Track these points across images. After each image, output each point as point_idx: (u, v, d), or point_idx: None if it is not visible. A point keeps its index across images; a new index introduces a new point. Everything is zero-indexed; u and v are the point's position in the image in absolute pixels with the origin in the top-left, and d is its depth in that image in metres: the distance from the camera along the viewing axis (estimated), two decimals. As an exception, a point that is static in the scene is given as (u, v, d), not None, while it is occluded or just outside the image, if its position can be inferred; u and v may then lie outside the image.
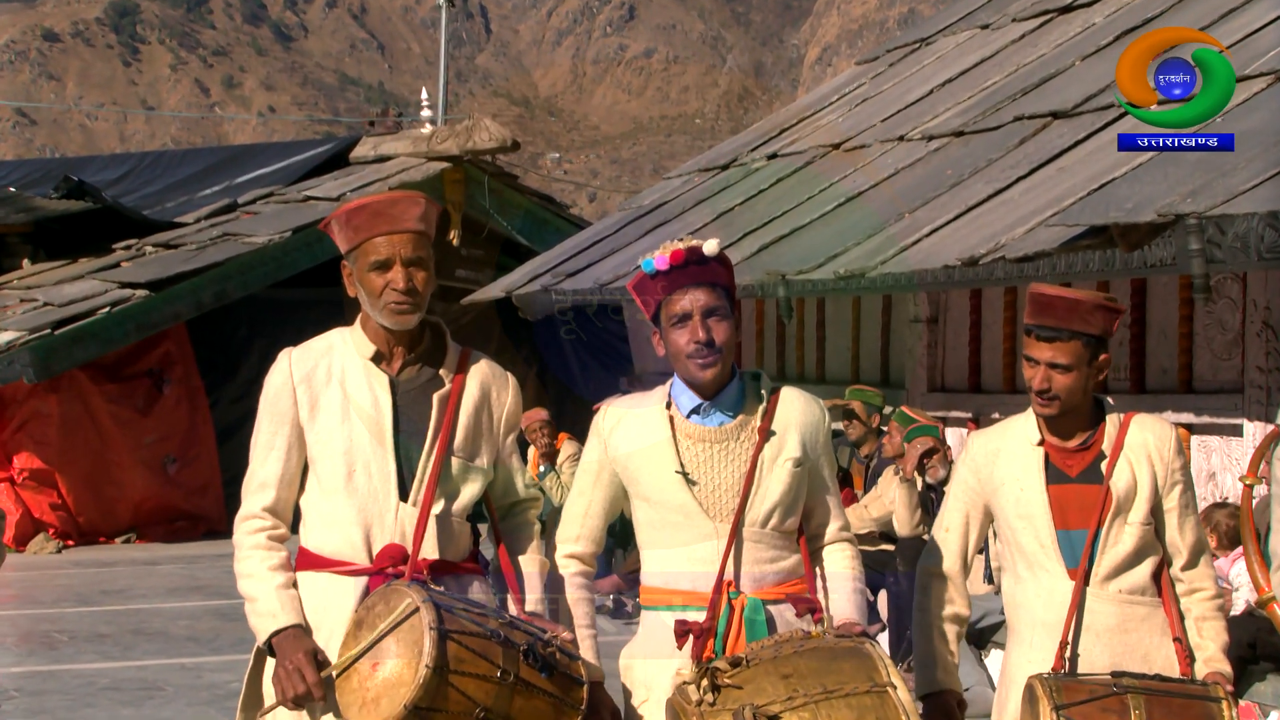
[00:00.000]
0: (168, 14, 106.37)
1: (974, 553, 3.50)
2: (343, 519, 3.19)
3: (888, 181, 9.68)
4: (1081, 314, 3.29)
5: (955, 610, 3.46)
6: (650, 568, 3.22)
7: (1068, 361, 3.30)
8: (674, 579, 3.18)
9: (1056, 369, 3.31)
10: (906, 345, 9.54)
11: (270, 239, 13.95)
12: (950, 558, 3.47)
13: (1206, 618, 3.34)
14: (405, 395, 3.24)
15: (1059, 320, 3.29)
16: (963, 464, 3.49)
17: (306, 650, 3.04)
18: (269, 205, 15.22)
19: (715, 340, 3.15)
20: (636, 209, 12.69)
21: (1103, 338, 3.33)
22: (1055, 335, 3.30)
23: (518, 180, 16.36)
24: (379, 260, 3.19)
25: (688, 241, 3.19)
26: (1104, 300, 3.31)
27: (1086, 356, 3.30)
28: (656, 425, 3.21)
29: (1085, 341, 3.29)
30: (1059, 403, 3.34)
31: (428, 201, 3.25)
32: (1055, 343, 3.30)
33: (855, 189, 9.78)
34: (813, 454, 3.23)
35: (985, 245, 7.21)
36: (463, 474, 3.26)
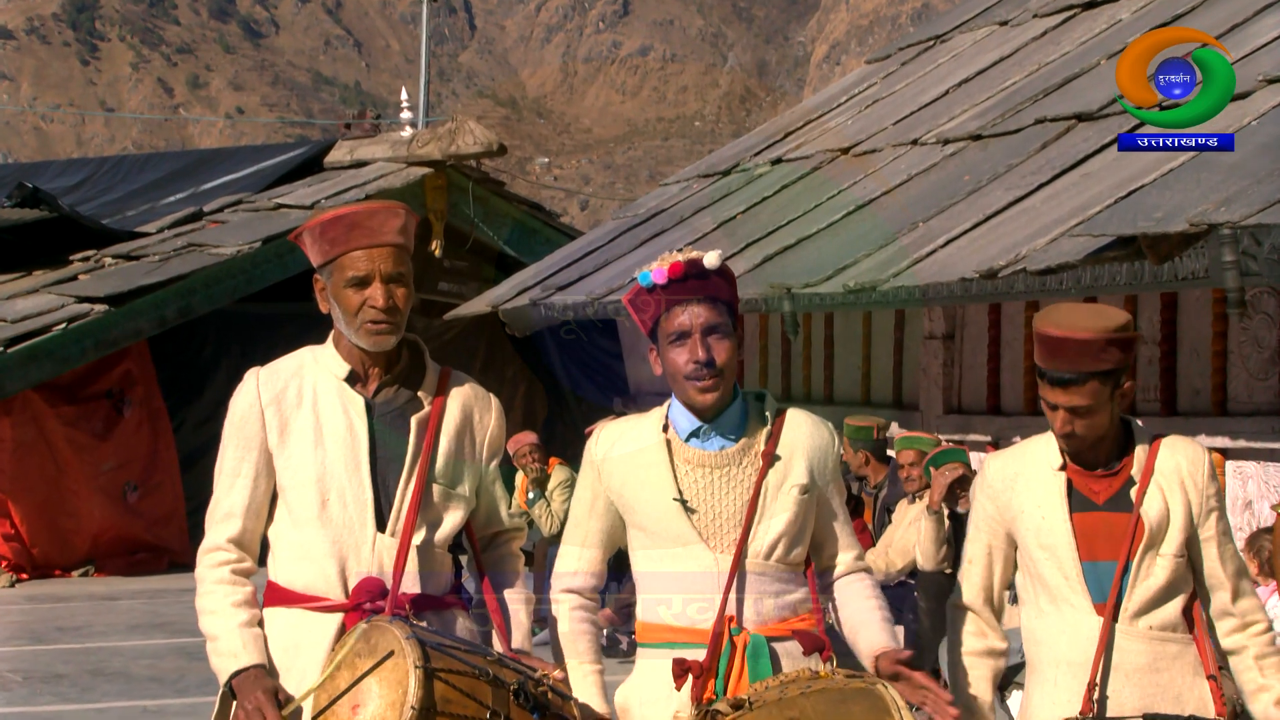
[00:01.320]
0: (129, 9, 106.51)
1: (1003, 585, 3.48)
2: (316, 551, 3.19)
3: (900, 188, 9.71)
4: (1094, 353, 3.26)
5: (988, 644, 3.46)
6: (646, 602, 3.22)
7: (1088, 403, 3.29)
8: (671, 614, 3.18)
9: (1077, 413, 3.31)
10: (921, 364, 9.56)
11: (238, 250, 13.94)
12: (975, 592, 3.47)
13: (1266, 655, 3.31)
14: (382, 419, 3.24)
15: (1071, 364, 3.28)
16: (980, 491, 3.49)
17: (266, 690, 3.05)
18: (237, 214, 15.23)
19: (716, 360, 3.15)
20: (632, 217, 12.71)
21: (1123, 368, 3.30)
22: (1070, 380, 3.28)
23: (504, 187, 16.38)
24: (356, 276, 3.19)
25: (687, 253, 3.19)
26: (1116, 333, 3.26)
27: (1107, 392, 3.29)
28: (652, 449, 3.21)
29: (1103, 379, 3.28)
30: (1086, 440, 3.35)
31: (407, 212, 3.26)
32: (1071, 387, 3.29)
33: (865, 196, 9.81)
34: (821, 480, 3.24)
35: (1005, 257, 7.23)
36: (444, 502, 3.26)
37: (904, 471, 7.84)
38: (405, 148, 15.50)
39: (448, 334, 14.70)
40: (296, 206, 14.91)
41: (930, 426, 9.19)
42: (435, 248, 14.95)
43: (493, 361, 14.94)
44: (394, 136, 16.14)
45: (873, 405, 9.94)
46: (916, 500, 7.81)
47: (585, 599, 3.29)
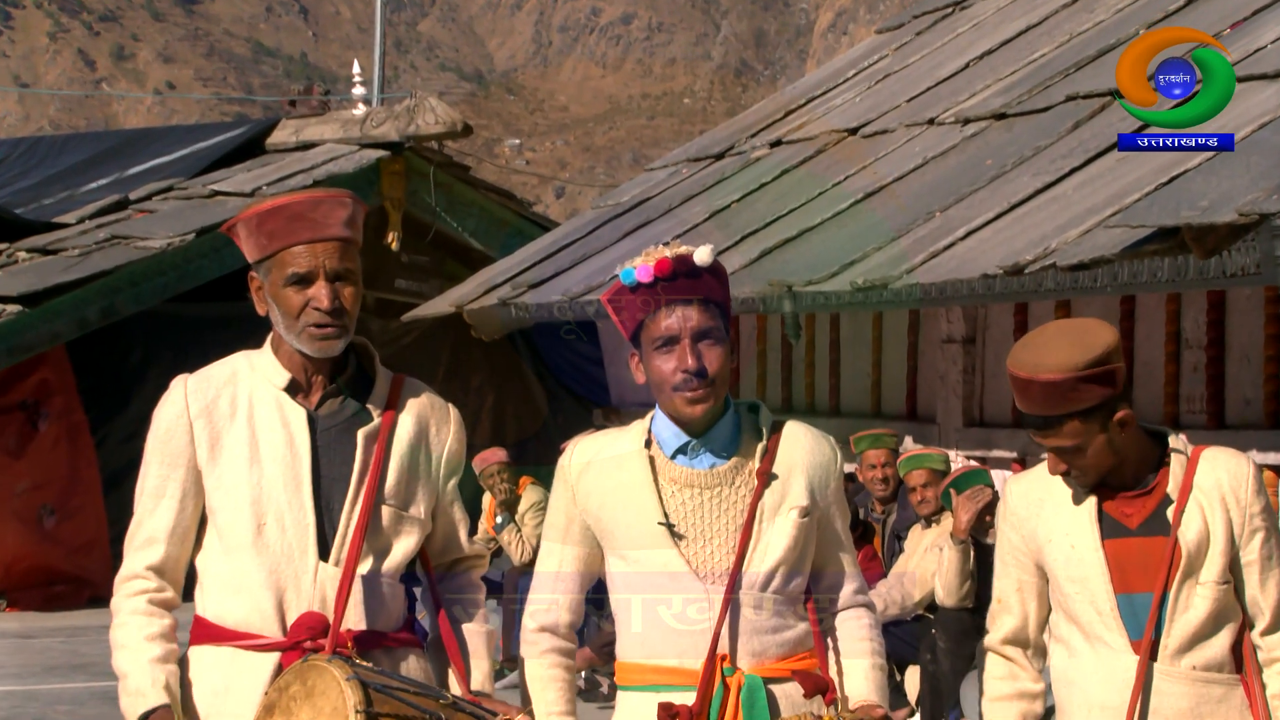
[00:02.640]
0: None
1: (1040, 624, 3.47)
2: (250, 582, 3.19)
3: (915, 174, 9.74)
4: (1063, 394, 3.26)
5: (1019, 686, 3.46)
6: (628, 639, 3.23)
7: (1074, 443, 3.30)
8: (657, 653, 3.18)
9: (1065, 453, 3.33)
10: (938, 371, 9.58)
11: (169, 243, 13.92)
12: (1008, 635, 3.47)
13: None
14: (326, 432, 3.25)
15: (1042, 407, 3.28)
16: (1003, 520, 3.49)
17: None
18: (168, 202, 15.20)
19: (707, 368, 3.16)
20: (613, 207, 12.72)
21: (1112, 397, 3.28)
22: (1046, 423, 3.30)
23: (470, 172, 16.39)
24: (298, 274, 3.20)
25: (675, 247, 3.19)
26: (1088, 369, 3.24)
27: (1095, 427, 3.29)
28: (634, 468, 3.21)
29: (1087, 415, 3.28)
30: (1090, 477, 3.36)
31: (355, 202, 3.27)
32: (1048, 430, 3.31)
33: (876, 183, 9.83)
34: (822, 502, 3.24)
35: (1032, 250, 7.26)
36: (395, 526, 3.27)
37: (916, 494, 7.83)
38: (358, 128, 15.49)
39: (406, 337, 14.69)
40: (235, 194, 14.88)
41: (949, 441, 9.21)
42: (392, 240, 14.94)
43: (457, 368, 14.93)
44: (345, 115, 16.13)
45: (884, 417, 9.96)
46: (931, 525, 7.82)
47: (560, 638, 3.28)
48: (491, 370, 15.16)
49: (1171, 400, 8.09)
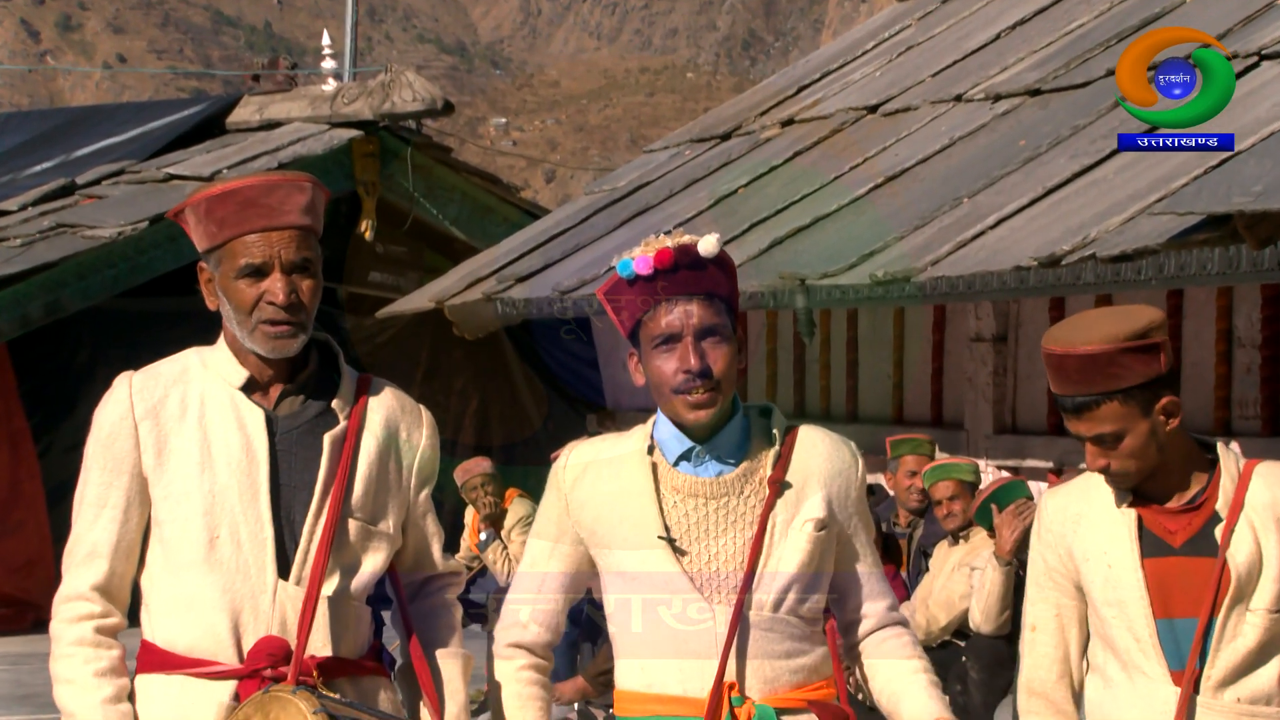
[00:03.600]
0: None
1: (1079, 653, 3.47)
2: (202, 602, 3.19)
3: (940, 156, 9.75)
4: (1101, 369, 3.27)
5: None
6: (626, 666, 3.23)
7: (1113, 429, 3.30)
8: (658, 681, 3.19)
9: (1104, 443, 3.33)
10: (966, 372, 9.59)
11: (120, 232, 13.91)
12: (1045, 667, 3.47)
13: None
14: (286, 435, 3.25)
15: (1078, 385, 3.29)
16: (1037, 538, 3.49)
17: None
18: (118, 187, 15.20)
19: (712, 369, 3.17)
20: (609, 192, 12.73)
21: (1156, 381, 3.29)
22: (1083, 405, 3.30)
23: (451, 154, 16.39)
24: (250, 265, 3.21)
25: (678, 237, 3.20)
26: (1127, 340, 3.26)
27: (1136, 410, 3.29)
28: (634, 476, 3.22)
29: (1125, 398, 3.29)
30: (1129, 477, 3.36)
31: (315, 186, 3.28)
32: (1085, 413, 3.31)
33: (898, 165, 9.85)
34: (841, 513, 3.25)
35: (1070, 240, 7.26)
36: (363, 541, 3.27)
37: (943, 508, 7.83)
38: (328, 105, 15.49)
39: (381, 336, 14.69)
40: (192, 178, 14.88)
41: (978, 449, 9.22)
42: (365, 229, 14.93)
43: (438, 370, 14.93)
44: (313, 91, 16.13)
45: (906, 424, 9.96)
46: (959, 542, 7.83)
47: (537, 657, 3.30)
48: (475, 372, 15.15)
49: (1222, 405, 8.10)
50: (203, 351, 3.33)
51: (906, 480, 8.39)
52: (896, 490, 8.50)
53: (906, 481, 8.39)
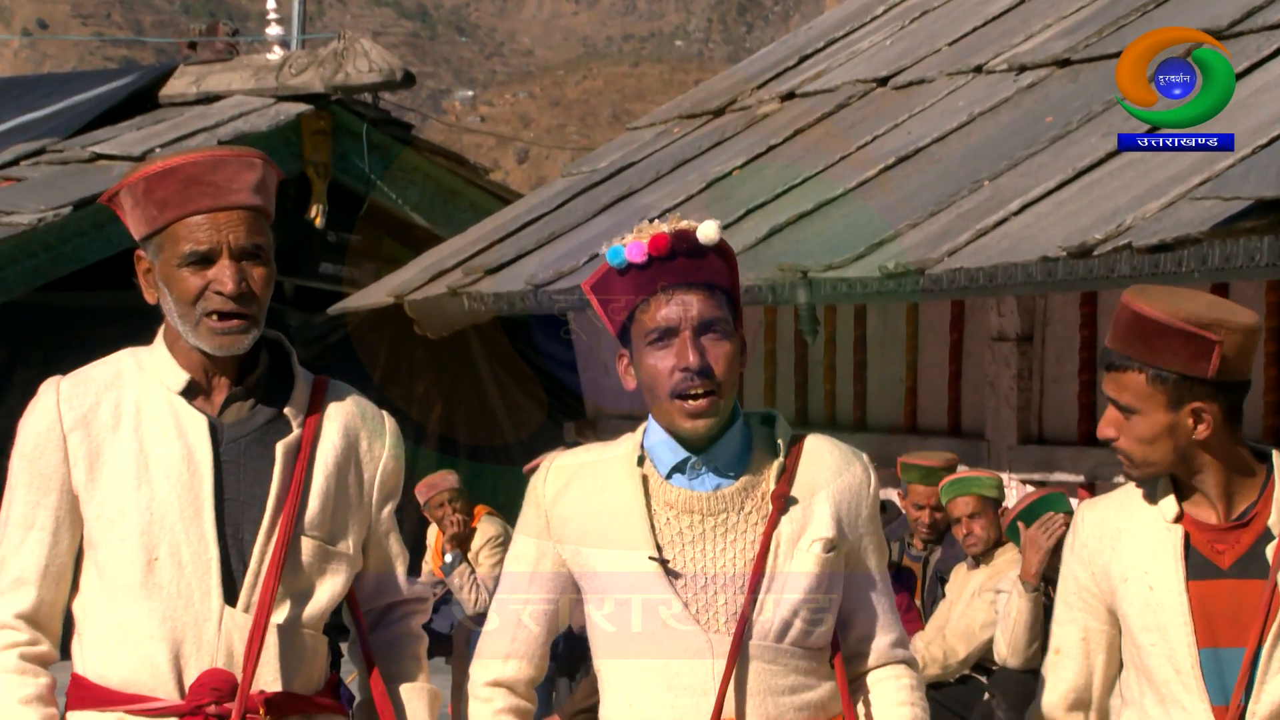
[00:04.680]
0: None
1: (1107, 685, 3.48)
2: (139, 632, 3.20)
3: (959, 134, 9.76)
4: (1147, 337, 3.30)
5: None
6: (613, 703, 3.24)
7: (1129, 401, 3.33)
8: (649, 717, 3.19)
9: (1120, 414, 3.36)
10: (987, 375, 9.61)
11: (41, 218, 13.89)
12: (1066, 694, 3.49)
13: None
14: (233, 445, 3.26)
15: (1120, 342, 3.34)
16: (1070, 552, 3.51)
17: None
18: (39, 167, 15.17)
19: (713, 368, 3.17)
20: (588, 174, 12.74)
21: (1196, 380, 3.31)
22: (1114, 363, 3.35)
23: (412, 131, 16.39)
24: (195, 252, 3.21)
25: (674, 222, 3.20)
26: (1189, 322, 3.28)
27: (1161, 398, 3.32)
28: (622, 490, 3.23)
29: (1157, 378, 3.31)
30: (1135, 464, 3.37)
31: (266, 163, 3.28)
32: (1113, 372, 3.36)
33: (911, 144, 9.86)
34: (851, 533, 3.26)
35: (1103, 228, 7.28)
36: (319, 563, 3.28)
37: (962, 527, 7.83)
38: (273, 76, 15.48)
39: (333, 335, 14.68)
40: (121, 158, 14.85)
41: (1000, 461, 9.23)
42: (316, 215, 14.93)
43: (397, 373, 14.92)
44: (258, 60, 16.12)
45: (920, 433, 9.98)
46: (980, 565, 7.83)
47: (518, 697, 3.30)
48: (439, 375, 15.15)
49: (1273, 411, 8.13)
50: (138, 352, 3.33)
51: (914, 512, 8.38)
52: (908, 516, 8.50)
53: (914, 513, 8.38)
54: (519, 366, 14.93)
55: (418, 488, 10.36)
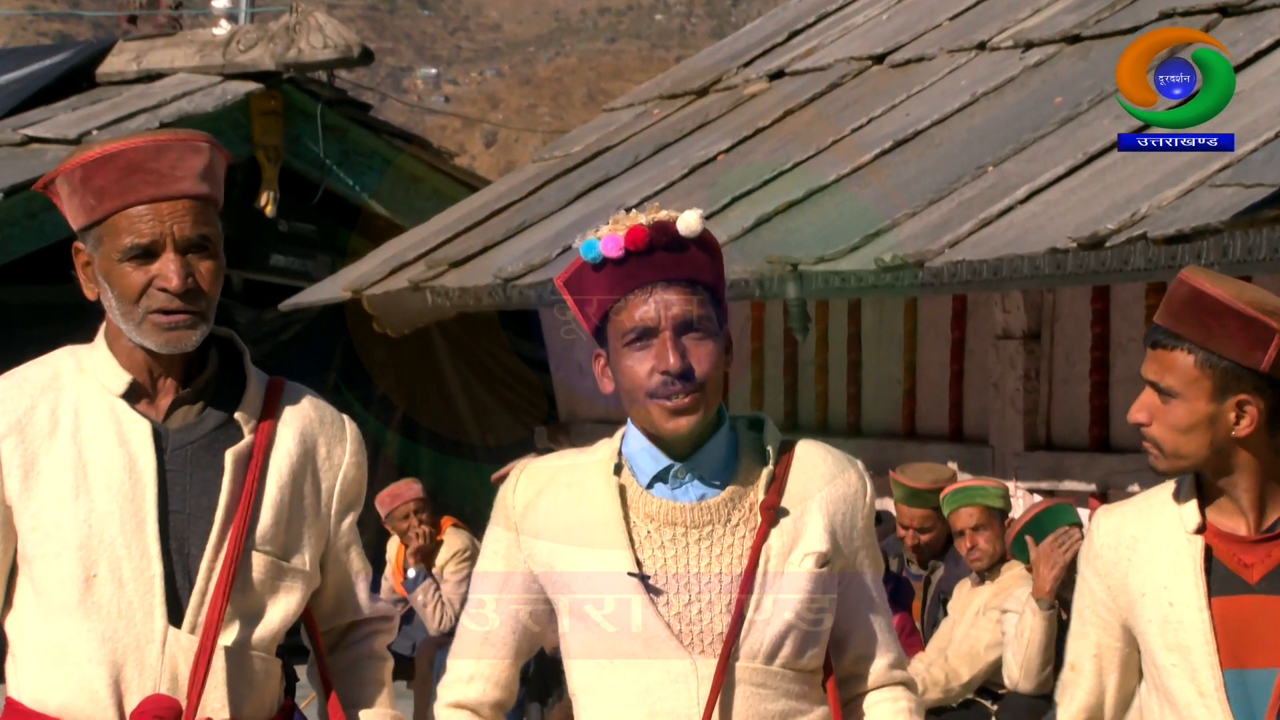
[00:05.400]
0: None
1: (1120, 702, 3.49)
2: (77, 653, 3.20)
3: (960, 115, 9.78)
4: (1200, 314, 3.29)
5: None
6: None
7: (1171, 384, 3.32)
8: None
9: (1158, 393, 3.35)
10: (991, 376, 9.62)
11: (-32, 206, 13.88)
12: (1078, 713, 3.49)
13: None
14: (179, 452, 3.26)
15: (1171, 318, 3.33)
16: (1085, 565, 3.51)
17: None
18: (-34, 152, 15.15)
19: (694, 368, 3.17)
20: (562, 159, 12.74)
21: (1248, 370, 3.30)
22: (1161, 340, 3.34)
23: (370, 112, 16.38)
24: (138, 244, 3.21)
25: (653, 212, 3.20)
26: (1246, 306, 3.27)
27: (1207, 384, 3.31)
28: (598, 501, 3.23)
29: (1206, 362, 3.30)
30: (1164, 455, 3.37)
31: (213, 147, 3.29)
32: (1159, 349, 3.34)
33: (909, 127, 9.88)
34: (846, 547, 3.26)
35: (1116, 217, 7.30)
36: (272, 580, 3.28)
37: (965, 540, 7.83)
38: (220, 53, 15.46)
39: (285, 333, 14.67)
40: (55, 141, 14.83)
41: (1006, 469, 9.25)
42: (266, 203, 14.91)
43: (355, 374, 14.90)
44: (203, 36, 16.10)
45: (919, 439, 9.99)
46: (985, 581, 7.84)
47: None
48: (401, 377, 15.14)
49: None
50: (77, 352, 3.33)
51: (900, 531, 8.38)
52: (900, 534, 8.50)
53: (900, 532, 8.38)
54: (486, 367, 14.92)
55: (379, 498, 10.35)
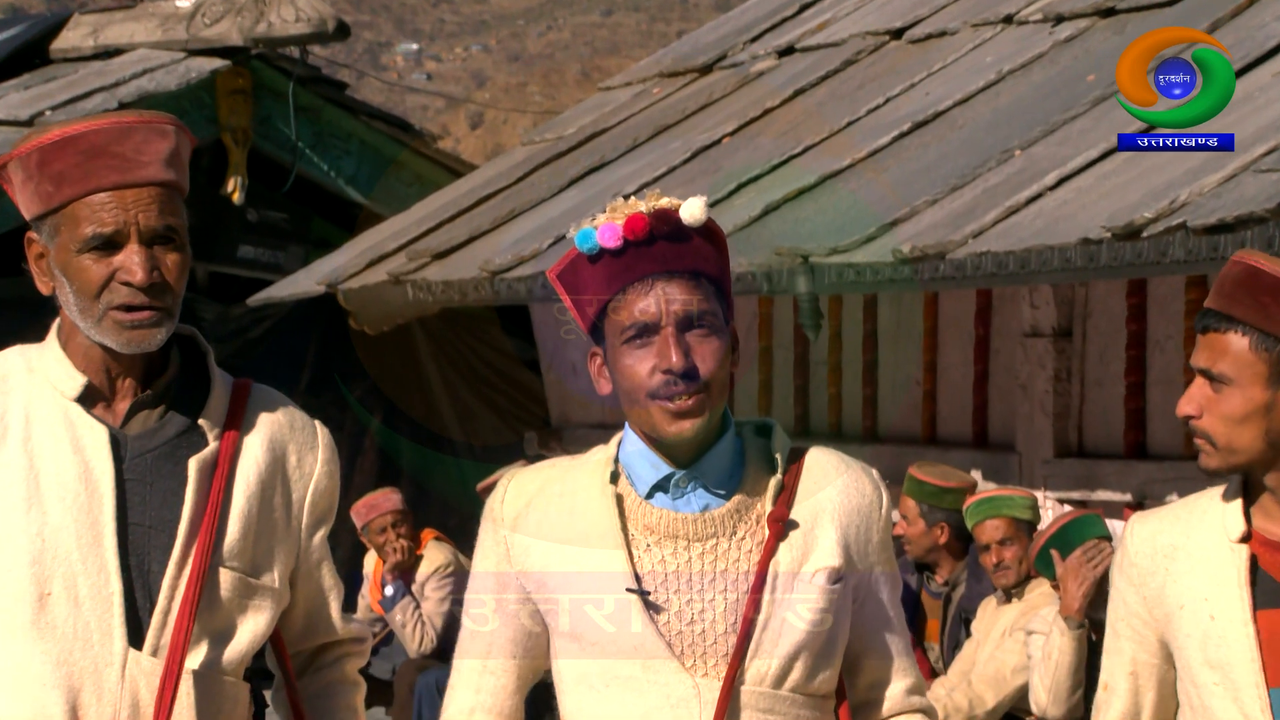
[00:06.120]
0: None
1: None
2: (30, 677, 3.20)
3: (985, 95, 9.78)
4: (1256, 292, 3.30)
5: None
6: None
7: (1224, 370, 3.32)
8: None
9: (1209, 380, 3.35)
10: (1018, 378, 9.63)
11: (-88, 193, 13.89)
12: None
13: None
14: (139, 460, 3.27)
15: (1223, 300, 3.33)
16: (1119, 574, 3.52)
17: None
18: (-91, 134, 15.16)
19: (699, 368, 3.17)
20: (554, 142, 12.74)
21: None
22: (1213, 324, 3.34)
23: (347, 91, 16.39)
24: (99, 235, 3.21)
25: (653, 199, 3.21)
26: None
27: (1263, 369, 3.31)
28: (594, 512, 3.23)
29: (1263, 344, 3.31)
30: (1216, 450, 3.37)
31: (179, 130, 3.30)
32: (1210, 333, 3.34)
33: (929, 107, 9.88)
34: (861, 562, 3.27)
35: (1153, 205, 7.30)
36: (239, 598, 3.29)
37: (991, 555, 7.83)
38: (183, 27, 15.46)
39: (254, 330, 14.67)
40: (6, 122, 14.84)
41: (1034, 477, 9.25)
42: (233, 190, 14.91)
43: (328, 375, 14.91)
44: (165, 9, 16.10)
45: (940, 445, 10.00)
46: (1012, 599, 7.84)
47: None
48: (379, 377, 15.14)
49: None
50: (27, 351, 3.34)
51: (902, 527, 8.38)
52: None
53: (902, 528, 8.37)
54: (472, 367, 14.92)
55: (354, 508, 10.35)
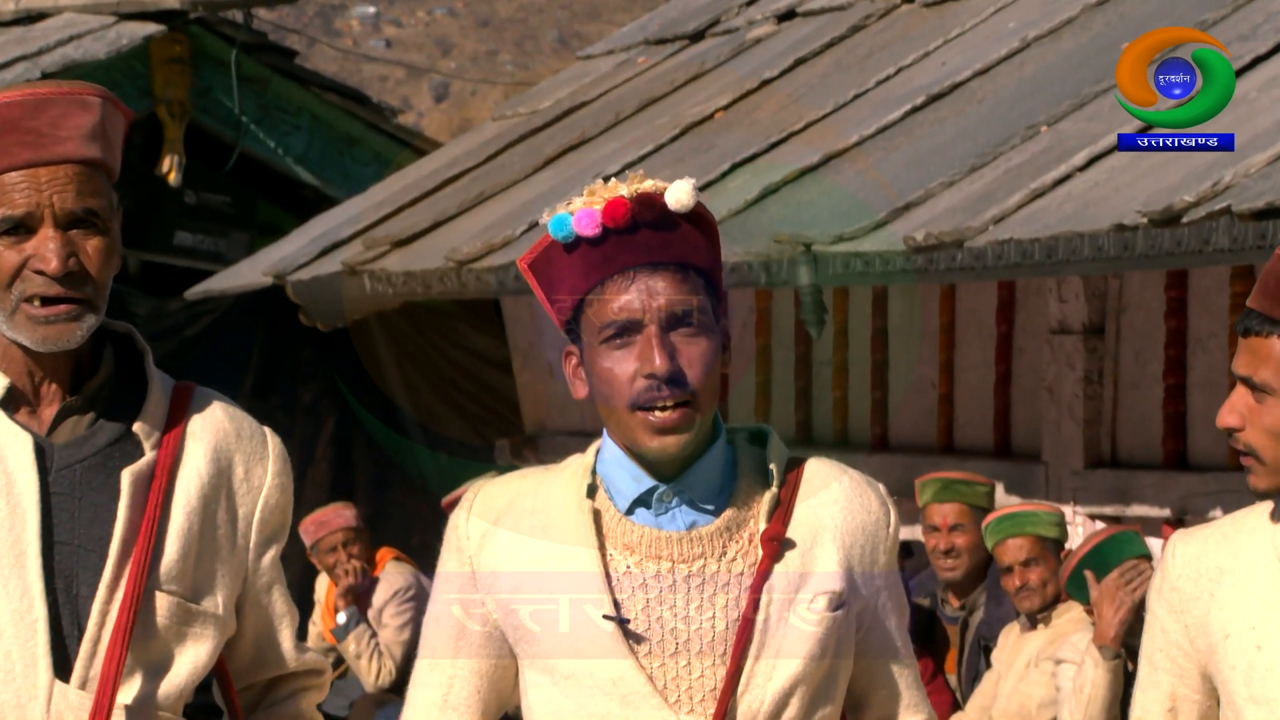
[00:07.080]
0: None
1: None
2: (-52, 713, 3.22)
3: (1005, 65, 9.79)
4: None
5: None
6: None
7: (1267, 378, 3.33)
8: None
9: (1251, 389, 3.36)
10: (1045, 380, 9.64)
11: None
12: None
13: None
14: (67, 472, 3.28)
15: (1270, 301, 3.33)
16: (1157, 597, 3.53)
17: None
18: None
19: (686, 372, 3.18)
20: (528, 117, 12.74)
21: None
22: (1255, 327, 3.34)
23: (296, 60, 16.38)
24: (9, 218, 3.23)
25: (636, 182, 3.21)
26: None
27: None
28: (568, 529, 3.24)
29: None
30: (1263, 467, 3.37)
31: (106, 101, 3.31)
32: (1252, 337, 3.34)
33: (945, 78, 9.89)
34: (866, 585, 3.28)
35: (1194, 187, 7.31)
36: (178, 626, 3.30)
37: (1014, 577, 7.85)
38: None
39: (192, 327, 14.66)
40: (-82, 95, 14.84)
41: (1062, 490, 9.26)
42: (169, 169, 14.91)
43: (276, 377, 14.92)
44: (94, -32, 16.11)
45: (957, 454, 10.00)
46: (1038, 626, 7.86)
47: None
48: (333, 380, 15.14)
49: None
50: None
51: (932, 537, 8.39)
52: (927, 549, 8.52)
53: (932, 539, 8.39)
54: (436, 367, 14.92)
55: (303, 525, 10.35)
